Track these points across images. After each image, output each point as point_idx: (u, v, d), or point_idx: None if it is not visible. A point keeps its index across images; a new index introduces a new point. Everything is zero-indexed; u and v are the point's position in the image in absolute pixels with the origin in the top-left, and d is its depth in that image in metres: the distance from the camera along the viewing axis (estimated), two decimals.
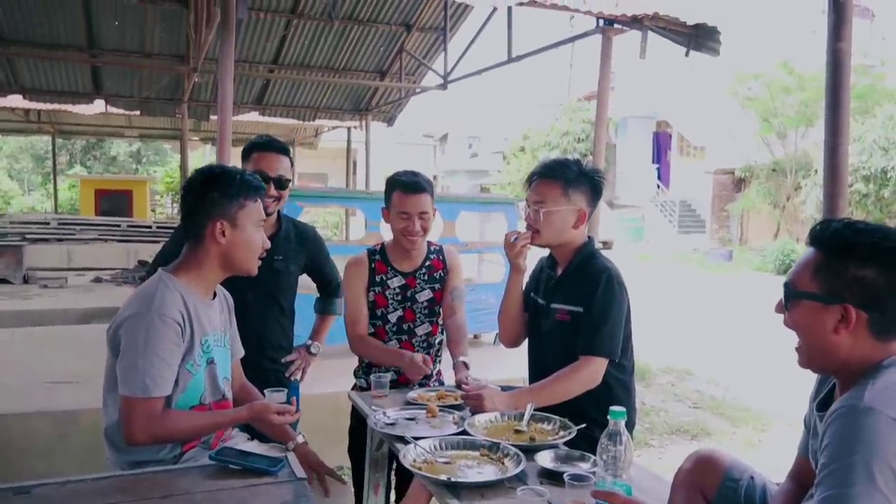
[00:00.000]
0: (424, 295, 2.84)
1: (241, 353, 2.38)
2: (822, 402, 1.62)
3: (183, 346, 1.97)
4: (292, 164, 2.88)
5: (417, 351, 2.83)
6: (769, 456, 4.48)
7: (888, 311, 1.42)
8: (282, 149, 2.82)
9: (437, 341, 2.92)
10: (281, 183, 2.75)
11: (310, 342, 3.05)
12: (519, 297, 2.66)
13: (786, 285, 1.55)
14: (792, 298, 1.53)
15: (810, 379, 1.73)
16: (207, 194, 2.04)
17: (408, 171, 2.84)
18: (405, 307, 2.82)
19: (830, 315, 1.44)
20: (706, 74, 20.21)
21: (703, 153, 24.59)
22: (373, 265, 2.83)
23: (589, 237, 2.52)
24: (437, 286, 2.87)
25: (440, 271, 2.89)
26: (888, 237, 1.43)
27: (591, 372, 2.31)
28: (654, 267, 17.68)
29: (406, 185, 2.74)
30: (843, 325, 1.43)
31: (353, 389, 2.91)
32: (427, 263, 2.87)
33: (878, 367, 1.42)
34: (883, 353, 1.44)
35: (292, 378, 2.90)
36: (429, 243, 2.90)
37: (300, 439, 2.14)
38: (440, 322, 2.91)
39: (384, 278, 2.82)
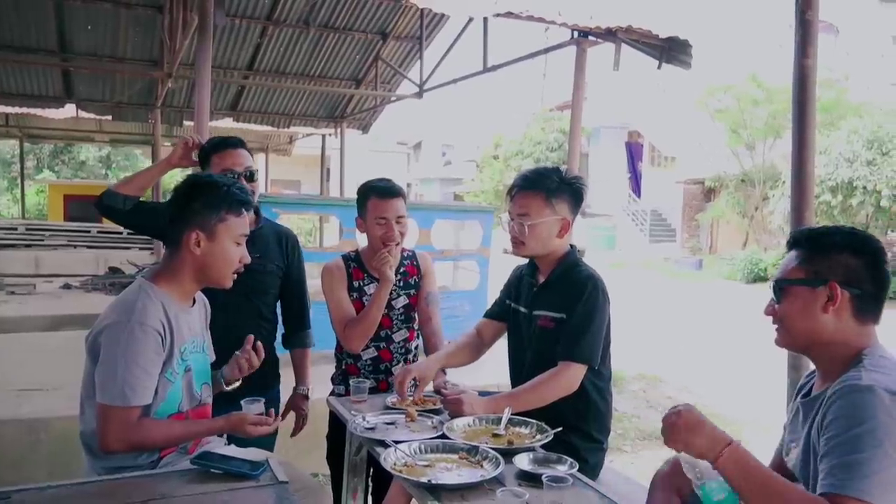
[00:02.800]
0: (400, 301, 2.86)
1: (213, 357, 2.35)
2: (806, 392, 1.75)
3: (163, 356, 1.97)
4: (250, 152, 2.83)
5: (395, 357, 2.86)
6: None
7: (866, 291, 1.60)
8: (238, 143, 2.79)
9: (413, 346, 2.94)
10: (251, 176, 2.73)
11: (301, 388, 2.95)
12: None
13: (775, 283, 1.71)
14: (782, 289, 1.69)
15: (779, 386, 1.81)
16: (189, 203, 2.03)
17: (381, 178, 2.85)
18: (382, 314, 2.81)
19: (818, 296, 1.62)
20: (677, 86, 20.51)
21: (673, 163, 24.92)
22: (349, 271, 2.84)
23: (571, 246, 2.55)
24: (412, 292, 2.89)
25: (415, 277, 2.91)
26: (855, 230, 1.68)
27: (569, 378, 2.35)
28: (626, 275, 17.84)
29: (382, 191, 2.76)
30: (830, 304, 1.60)
31: (330, 395, 2.92)
32: (402, 270, 2.89)
33: (860, 358, 1.56)
34: (862, 337, 1.60)
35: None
36: (402, 249, 2.91)
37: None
38: (416, 327, 2.93)
39: (361, 284, 2.83)
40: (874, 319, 1.63)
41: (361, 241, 3.01)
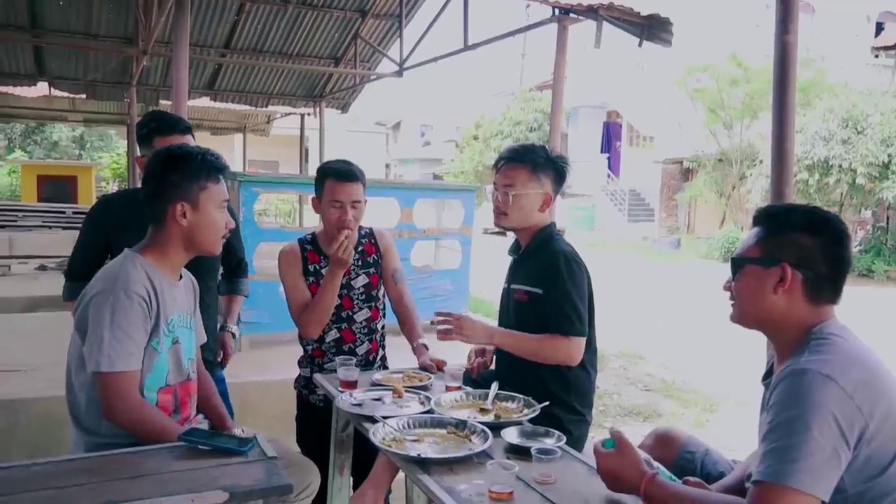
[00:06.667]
0: (360, 281, 2.83)
1: (205, 339, 2.39)
2: (766, 374, 1.77)
3: (150, 323, 1.97)
4: (194, 138, 2.77)
5: (358, 337, 2.83)
6: (718, 435, 4.65)
7: (819, 273, 1.58)
8: (184, 128, 2.74)
9: (379, 326, 2.91)
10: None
11: (229, 326, 3.06)
12: None
13: (732, 259, 1.71)
14: (738, 267, 1.68)
15: (754, 362, 1.85)
16: (168, 177, 2.04)
17: (340, 160, 2.82)
18: (342, 295, 2.77)
19: (770, 277, 1.60)
20: (656, 66, 20.54)
21: (652, 143, 25.02)
22: (305, 255, 2.81)
23: (552, 222, 2.59)
24: (371, 270, 2.86)
25: (374, 255, 2.89)
26: (817, 210, 1.65)
27: (571, 350, 2.40)
28: (604, 254, 17.97)
29: (339, 174, 2.71)
30: (780, 285, 1.59)
31: (297, 380, 2.93)
32: (360, 249, 2.85)
33: (809, 337, 1.56)
34: (815, 317, 1.59)
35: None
36: (359, 228, 2.88)
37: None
38: (380, 307, 2.90)
39: (317, 267, 2.79)
40: (831, 300, 1.60)
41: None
